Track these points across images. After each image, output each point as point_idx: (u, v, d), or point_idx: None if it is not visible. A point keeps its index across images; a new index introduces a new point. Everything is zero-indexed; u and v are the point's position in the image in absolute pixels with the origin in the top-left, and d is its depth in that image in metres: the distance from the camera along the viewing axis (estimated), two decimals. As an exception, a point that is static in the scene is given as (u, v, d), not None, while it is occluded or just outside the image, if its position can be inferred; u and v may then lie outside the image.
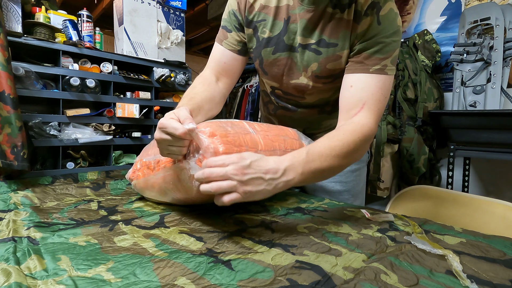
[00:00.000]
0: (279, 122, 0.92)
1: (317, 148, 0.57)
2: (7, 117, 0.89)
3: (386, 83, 0.65)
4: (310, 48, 0.70)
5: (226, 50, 0.80)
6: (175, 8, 1.65)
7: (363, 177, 0.94)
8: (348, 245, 0.50)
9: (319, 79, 0.73)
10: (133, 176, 0.75)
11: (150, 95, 1.47)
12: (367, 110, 0.64)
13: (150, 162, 0.68)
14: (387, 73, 0.65)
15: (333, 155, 0.57)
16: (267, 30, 0.73)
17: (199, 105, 0.67)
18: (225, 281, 0.38)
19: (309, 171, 0.54)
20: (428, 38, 1.84)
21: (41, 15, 1.22)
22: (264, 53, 0.76)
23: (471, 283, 0.38)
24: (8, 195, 0.77)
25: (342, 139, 0.59)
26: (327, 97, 0.79)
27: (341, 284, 0.38)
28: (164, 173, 0.62)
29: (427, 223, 0.62)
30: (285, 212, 0.69)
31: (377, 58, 0.64)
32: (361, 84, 0.65)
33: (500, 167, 1.73)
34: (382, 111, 0.66)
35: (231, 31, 0.79)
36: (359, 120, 0.63)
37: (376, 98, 0.64)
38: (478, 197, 0.87)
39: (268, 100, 0.91)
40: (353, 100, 0.65)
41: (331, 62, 0.69)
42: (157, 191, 0.67)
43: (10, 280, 0.35)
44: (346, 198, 0.89)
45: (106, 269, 0.40)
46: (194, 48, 4.11)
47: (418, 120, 1.74)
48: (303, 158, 0.54)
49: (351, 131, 0.61)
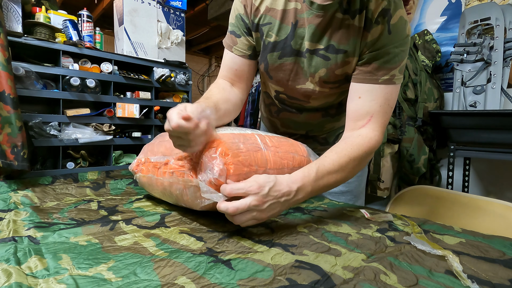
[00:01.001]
0: (282, 125, 0.92)
1: (326, 166, 0.59)
2: (7, 117, 0.89)
3: (393, 93, 0.66)
4: (318, 54, 0.69)
5: (236, 57, 0.77)
6: (175, 8, 1.65)
7: (364, 178, 0.95)
8: (348, 245, 0.50)
9: (326, 84, 0.72)
10: (136, 169, 0.74)
11: (150, 95, 1.47)
12: (374, 123, 0.65)
13: (157, 163, 0.66)
14: (395, 82, 0.65)
15: (340, 171, 0.60)
16: (273, 34, 0.71)
17: (215, 104, 0.66)
18: (225, 280, 0.38)
19: (317, 189, 0.58)
20: (428, 38, 1.84)
21: (41, 15, 1.22)
22: (270, 57, 0.74)
23: (472, 283, 0.38)
24: (8, 195, 0.77)
25: (349, 155, 0.61)
26: (332, 100, 0.79)
27: (341, 284, 0.38)
28: (173, 180, 0.60)
29: (427, 223, 0.62)
30: (285, 212, 0.69)
31: (386, 68, 0.64)
32: (370, 96, 0.65)
33: (500, 167, 1.73)
34: (388, 121, 0.68)
35: (240, 36, 0.76)
36: (366, 134, 0.64)
37: (383, 110, 0.65)
38: (478, 197, 0.87)
39: (270, 102, 0.90)
40: (361, 112, 0.66)
41: (340, 68, 0.69)
42: (161, 191, 0.67)
43: (10, 281, 0.35)
44: (348, 199, 0.90)
45: (106, 268, 0.40)
46: (194, 48, 4.11)
47: (418, 120, 1.74)
48: (313, 177, 0.57)
49: (359, 145, 0.62)
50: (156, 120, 1.53)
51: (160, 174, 0.64)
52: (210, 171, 0.52)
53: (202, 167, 0.54)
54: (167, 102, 1.58)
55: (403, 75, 0.67)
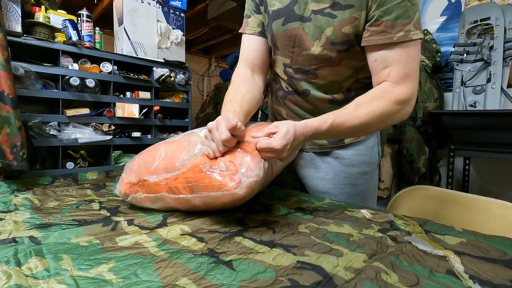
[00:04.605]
0: (287, 114, 0.89)
1: (342, 117, 0.63)
2: (6, 117, 0.89)
3: (412, 50, 0.63)
4: (324, 13, 0.68)
5: (251, 36, 0.83)
6: (175, 8, 1.64)
7: (374, 180, 0.91)
8: (349, 245, 0.50)
9: (334, 46, 0.70)
10: (129, 191, 0.69)
11: (150, 95, 1.47)
12: (395, 75, 0.64)
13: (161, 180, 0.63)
14: (412, 37, 0.62)
15: (357, 123, 0.63)
16: (276, 2, 0.75)
17: (248, 111, 0.74)
18: (226, 281, 0.38)
19: (331, 136, 0.65)
20: (428, 38, 1.84)
21: (40, 15, 1.22)
22: (275, 25, 0.76)
23: (473, 283, 0.38)
24: (8, 196, 0.77)
25: (368, 107, 0.63)
26: (340, 80, 0.77)
27: (342, 284, 0.38)
28: (200, 194, 0.58)
29: (428, 223, 0.62)
30: (286, 212, 0.69)
31: (399, 24, 0.61)
32: (385, 55, 0.64)
33: (500, 167, 1.73)
34: (415, 73, 0.65)
35: (250, 16, 0.83)
36: (386, 86, 0.64)
37: (403, 62, 0.63)
38: (478, 197, 0.87)
39: (277, 88, 0.89)
40: (379, 68, 0.66)
41: (347, 26, 0.66)
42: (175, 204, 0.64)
43: (10, 282, 0.35)
44: (356, 202, 0.86)
45: (107, 269, 0.40)
46: (194, 48, 4.11)
47: (418, 120, 1.74)
48: (327, 127, 0.62)
49: (378, 97, 0.63)
50: (156, 120, 1.52)
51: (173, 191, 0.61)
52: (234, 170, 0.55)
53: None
54: (167, 102, 1.57)
55: (422, 35, 0.64)
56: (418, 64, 0.65)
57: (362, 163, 0.86)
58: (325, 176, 0.88)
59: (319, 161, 0.89)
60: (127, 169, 0.72)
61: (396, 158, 1.88)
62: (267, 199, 0.80)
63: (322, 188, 0.89)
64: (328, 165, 0.88)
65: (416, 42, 0.64)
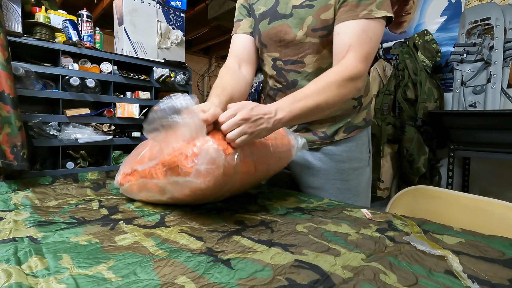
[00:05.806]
0: None
1: (303, 91, 0.66)
2: (6, 117, 0.89)
3: (373, 28, 0.69)
4: (303, 6, 0.76)
5: (241, 35, 0.90)
6: (175, 8, 1.65)
7: (365, 177, 0.93)
8: (347, 245, 0.50)
9: (315, 32, 0.77)
10: (123, 181, 0.75)
11: (150, 95, 1.47)
12: (352, 52, 0.69)
13: (145, 169, 0.67)
14: (375, 16, 0.69)
15: (317, 94, 0.65)
16: (261, 6, 0.84)
17: (231, 95, 0.74)
18: (225, 280, 0.38)
19: (296, 109, 0.63)
20: (428, 38, 1.84)
21: (41, 15, 1.22)
22: (262, 26, 0.84)
23: (472, 283, 0.38)
24: (8, 195, 0.77)
25: (326, 80, 0.67)
26: (324, 67, 0.81)
27: (340, 283, 0.38)
28: (167, 173, 0.61)
29: (426, 223, 0.62)
30: (285, 212, 0.69)
31: (363, 4, 0.69)
32: (347, 30, 0.70)
33: (500, 167, 1.73)
34: (371, 53, 0.71)
35: (242, 19, 0.90)
36: (344, 62, 0.69)
37: (361, 40, 0.69)
38: (478, 197, 0.87)
39: (268, 89, 0.95)
40: (341, 45, 0.71)
41: (324, 12, 0.74)
42: (156, 191, 0.67)
43: (10, 281, 0.35)
44: (347, 197, 0.89)
45: (107, 268, 0.40)
46: (194, 48, 4.11)
47: (418, 120, 1.74)
48: (290, 99, 0.64)
49: (335, 72, 0.68)
50: (156, 120, 1.52)
51: (153, 176, 0.65)
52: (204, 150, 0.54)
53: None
54: (167, 102, 1.57)
55: (387, 13, 0.69)
56: (375, 44, 0.71)
57: (352, 159, 0.89)
58: (316, 172, 0.90)
59: (310, 157, 0.91)
60: (125, 162, 0.79)
61: (396, 158, 1.88)
62: (265, 199, 0.81)
63: (313, 184, 0.91)
64: (318, 161, 0.90)
65: (379, 21, 0.70)
